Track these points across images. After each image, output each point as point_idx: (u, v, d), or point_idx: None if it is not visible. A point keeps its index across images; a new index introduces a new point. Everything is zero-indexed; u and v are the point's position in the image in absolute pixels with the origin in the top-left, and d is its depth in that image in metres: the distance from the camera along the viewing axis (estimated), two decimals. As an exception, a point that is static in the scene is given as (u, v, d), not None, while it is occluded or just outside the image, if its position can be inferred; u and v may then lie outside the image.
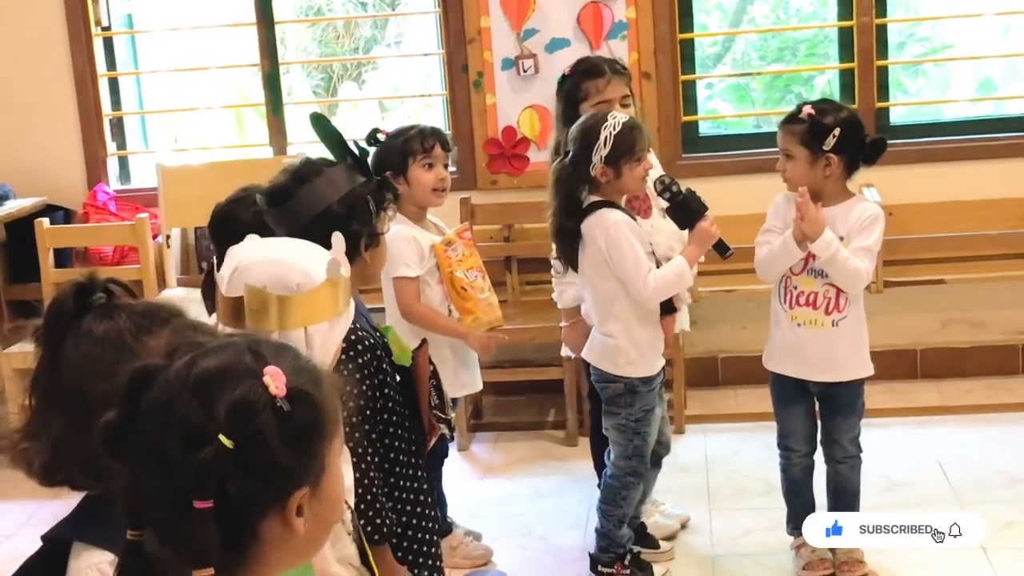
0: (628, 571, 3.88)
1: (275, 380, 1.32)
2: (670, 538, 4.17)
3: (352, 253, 2.62)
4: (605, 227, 3.64)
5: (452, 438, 2.99)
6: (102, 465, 1.64)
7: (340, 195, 2.60)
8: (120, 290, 1.83)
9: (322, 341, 1.99)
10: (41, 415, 1.75)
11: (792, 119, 3.71)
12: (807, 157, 3.66)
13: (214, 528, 1.29)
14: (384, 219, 2.70)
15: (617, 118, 3.67)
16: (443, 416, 2.75)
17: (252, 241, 2.13)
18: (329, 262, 2.00)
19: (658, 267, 3.68)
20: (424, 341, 2.77)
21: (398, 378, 2.66)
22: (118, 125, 5.95)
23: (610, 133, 3.62)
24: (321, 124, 2.79)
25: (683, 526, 4.22)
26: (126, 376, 1.36)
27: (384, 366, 2.62)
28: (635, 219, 3.73)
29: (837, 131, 3.62)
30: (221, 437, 1.28)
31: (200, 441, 1.29)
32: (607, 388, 3.79)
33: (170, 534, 1.31)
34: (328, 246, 2.13)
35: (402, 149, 3.94)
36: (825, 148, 3.63)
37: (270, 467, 1.31)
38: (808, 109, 3.68)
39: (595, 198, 3.68)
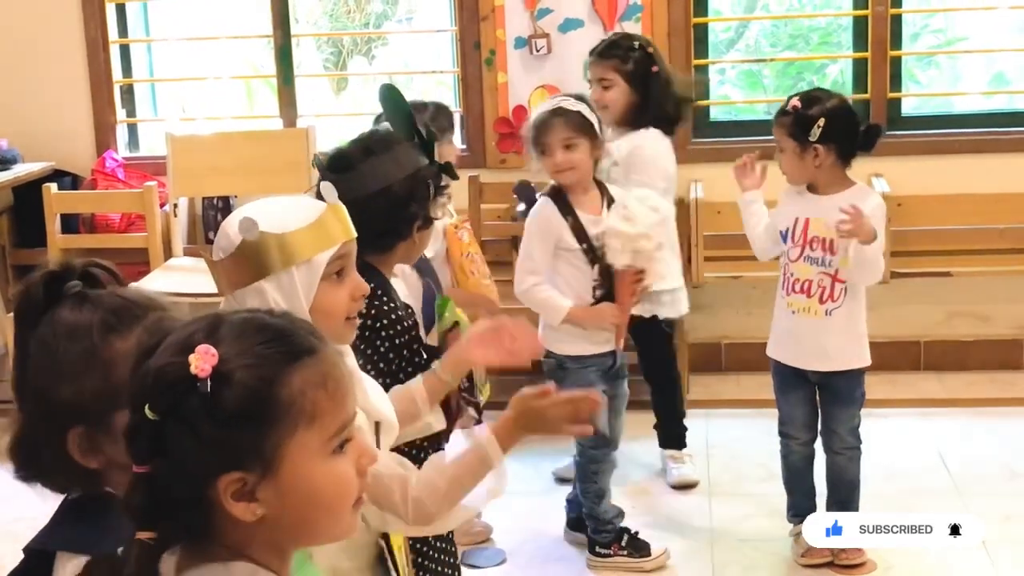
0: (626, 551, 3.90)
1: (201, 360, 1.29)
2: (690, 485, 4.44)
3: (406, 233, 2.63)
4: (532, 214, 3.79)
5: (480, 420, 2.96)
6: (68, 470, 1.60)
7: (404, 175, 2.59)
8: (104, 273, 1.69)
9: (304, 283, 1.96)
10: (18, 410, 1.66)
11: (781, 112, 3.72)
12: (795, 149, 3.68)
13: (146, 493, 1.30)
14: (439, 204, 2.70)
15: (542, 108, 3.78)
16: (472, 399, 2.73)
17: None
18: (244, 223, 1.93)
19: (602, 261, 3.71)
20: (456, 324, 2.76)
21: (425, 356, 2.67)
22: (128, 92, 5.94)
23: (532, 121, 3.76)
24: (392, 97, 2.76)
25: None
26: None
27: (409, 350, 2.63)
28: (569, 213, 3.74)
29: (822, 121, 3.62)
30: (146, 408, 1.29)
31: (136, 408, 1.30)
32: (545, 363, 3.84)
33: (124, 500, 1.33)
34: (389, 224, 2.12)
35: None
36: (811, 139, 3.63)
37: (190, 444, 1.29)
38: (794, 101, 3.69)
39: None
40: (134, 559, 1.31)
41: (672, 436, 4.59)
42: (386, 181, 2.56)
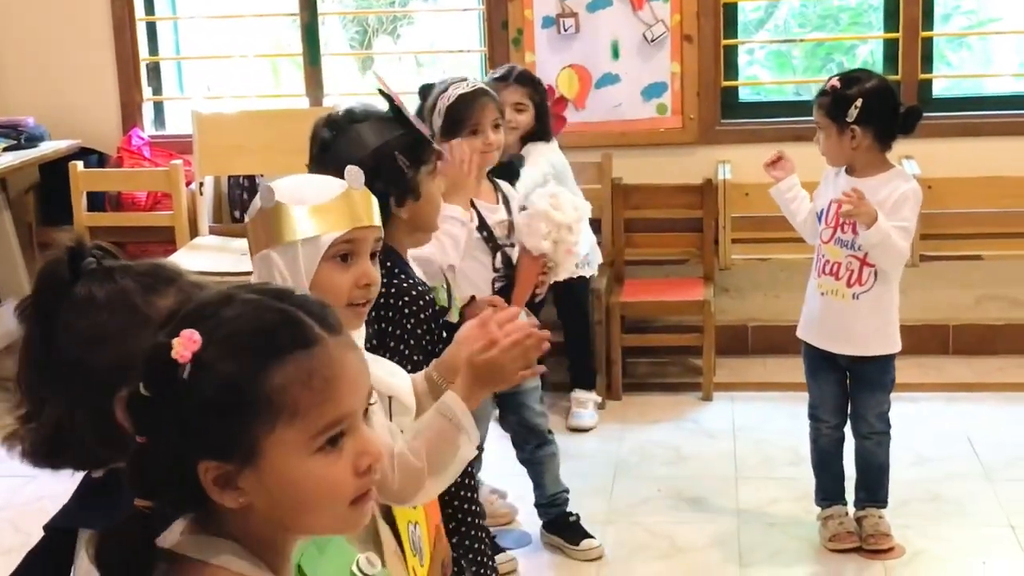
0: None
1: (183, 345, 1.27)
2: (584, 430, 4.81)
3: (383, 211, 2.58)
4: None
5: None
6: (115, 439, 1.51)
7: (368, 151, 2.53)
8: (105, 255, 1.69)
9: (307, 259, 2.00)
10: (35, 395, 1.64)
11: (821, 92, 3.68)
12: (833, 130, 3.63)
13: (143, 464, 1.30)
14: (424, 173, 2.64)
15: (456, 86, 3.54)
16: None
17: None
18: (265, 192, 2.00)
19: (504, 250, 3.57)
20: (473, 297, 2.74)
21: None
22: (154, 70, 5.93)
23: (453, 98, 3.51)
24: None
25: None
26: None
27: (434, 325, 2.61)
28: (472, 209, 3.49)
29: (859, 102, 3.57)
30: (141, 384, 1.29)
31: (134, 383, 1.30)
32: None
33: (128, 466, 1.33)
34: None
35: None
36: (848, 120, 3.59)
37: (174, 425, 1.28)
38: (834, 81, 3.64)
39: None
40: (127, 526, 1.30)
41: (583, 374, 4.99)
42: (353, 158, 2.44)
